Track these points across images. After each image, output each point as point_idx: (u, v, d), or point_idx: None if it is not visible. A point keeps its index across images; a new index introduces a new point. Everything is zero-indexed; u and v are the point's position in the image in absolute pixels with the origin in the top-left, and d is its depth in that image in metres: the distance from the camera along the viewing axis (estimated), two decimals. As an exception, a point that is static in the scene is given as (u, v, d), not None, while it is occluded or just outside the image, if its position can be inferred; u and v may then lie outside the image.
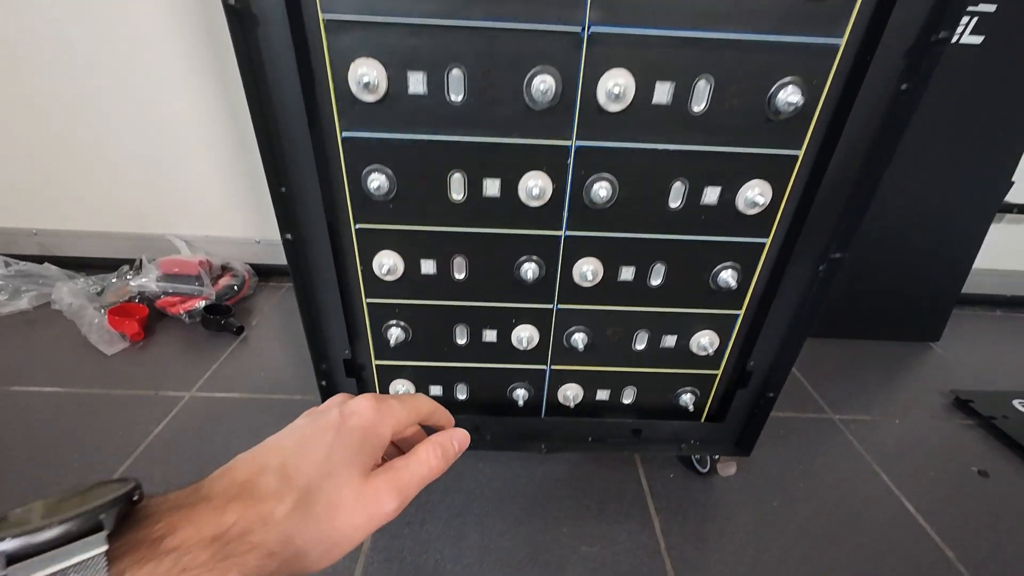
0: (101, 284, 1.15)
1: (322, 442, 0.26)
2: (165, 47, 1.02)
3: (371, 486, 0.26)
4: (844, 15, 0.41)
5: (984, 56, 0.90)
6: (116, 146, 1.14)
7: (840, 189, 0.48)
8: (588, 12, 0.40)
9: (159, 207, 1.22)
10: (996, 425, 0.87)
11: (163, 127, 1.12)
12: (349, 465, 0.26)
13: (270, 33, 0.41)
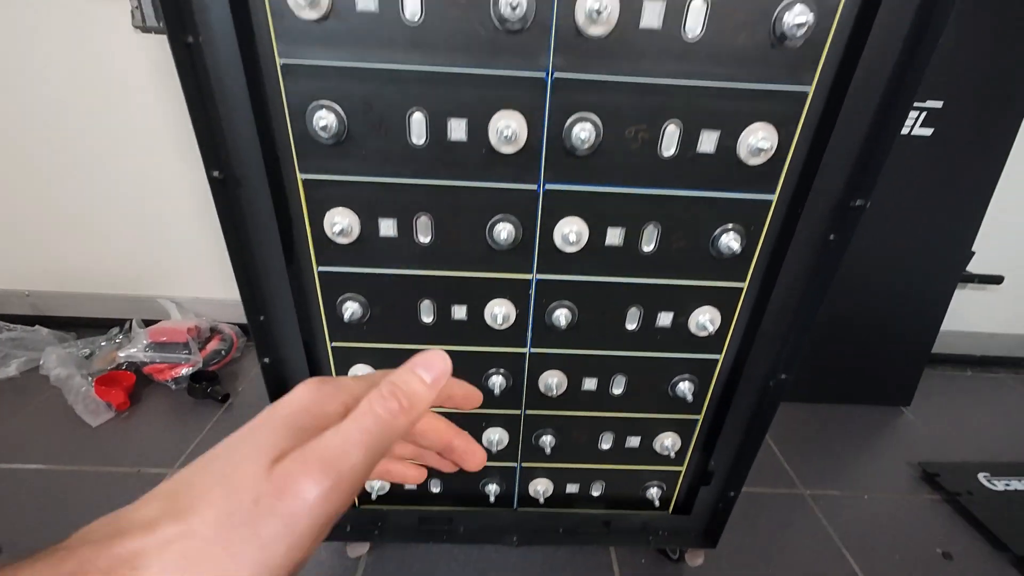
0: (91, 347, 1.17)
1: (234, 443, 0.20)
2: (158, 115, 1.07)
3: (278, 472, 0.18)
4: (776, 175, 0.45)
5: (934, 144, 0.97)
6: (108, 210, 1.18)
7: (782, 317, 0.52)
8: (542, 173, 0.45)
9: (150, 270, 1.25)
10: (961, 503, 0.90)
11: (154, 192, 1.16)
12: (256, 454, 0.19)
13: (252, 196, 0.45)
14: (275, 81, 0.40)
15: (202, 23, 0.38)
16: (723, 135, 0.43)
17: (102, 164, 1.13)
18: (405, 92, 0.41)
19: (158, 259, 1.24)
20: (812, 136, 0.44)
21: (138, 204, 1.17)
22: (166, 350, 1.08)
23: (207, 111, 0.40)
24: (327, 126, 0.41)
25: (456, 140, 0.43)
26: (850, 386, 1.19)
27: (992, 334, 1.35)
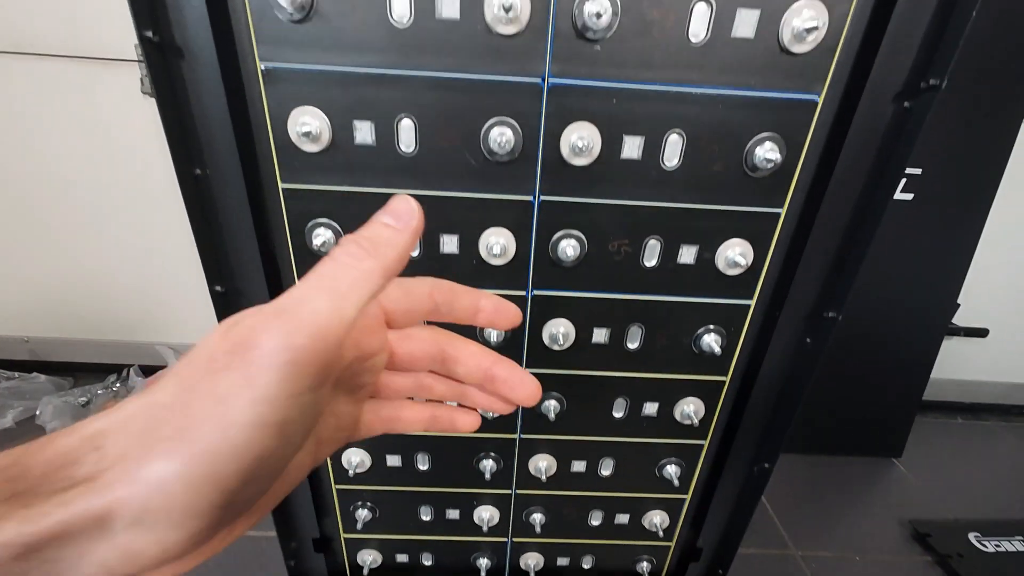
0: (88, 396, 1.17)
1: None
2: (158, 170, 1.09)
3: (233, 330, 0.16)
4: (753, 283, 0.48)
5: (916, 207, 1.01)
6: (107, 257, 1.19)
7: (762, 413, 0.54)
8: (530, 280, 0.47)
9: (149, 316, 1.26)
10: (952, 565, 0.90)
11: (153, 239, 1.17)
12: (214, 332, 0.16)
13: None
14: (277, 203, 0.43)
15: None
16: (701, 248, 0.46)
17: (103, 214, 1.15)
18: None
19: (156, 305, 1.25)
20: (785, 251, 0.46)
21: (136, 251, 1.19)
22: (163, 402, 1.09)
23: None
24: (325, 243, 0.44)
25: (448, 252, 0.45)
26: (842, 437, 1.20)
27: (981, 382, 1.37)
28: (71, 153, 1.07)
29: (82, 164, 1.08)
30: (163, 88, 0.37)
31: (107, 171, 1.08)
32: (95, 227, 1.15)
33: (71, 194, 1.11)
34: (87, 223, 1.15)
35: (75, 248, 1.18)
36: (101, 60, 0.96)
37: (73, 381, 1.25)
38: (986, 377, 1.36)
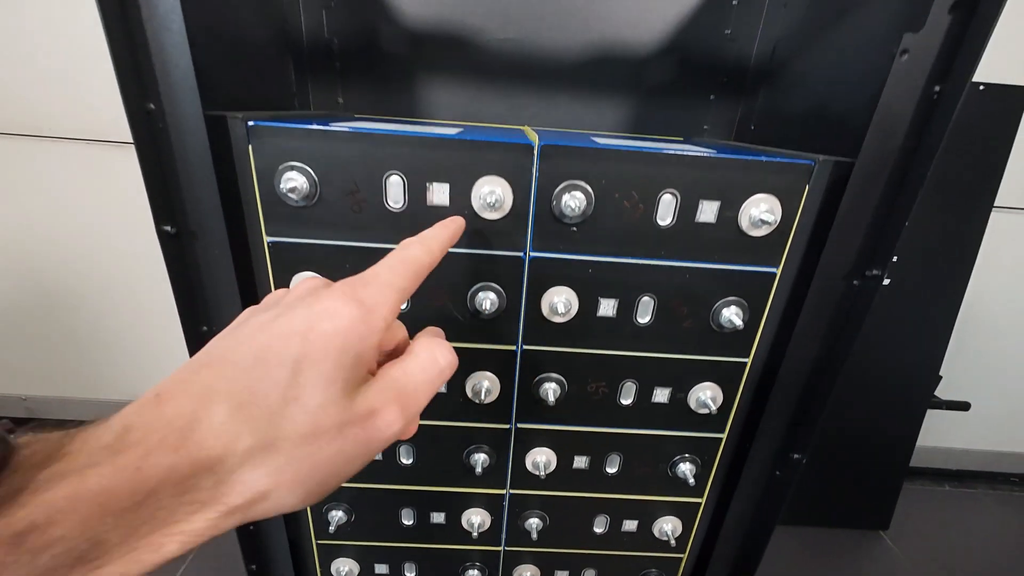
0: (81, 457, 1.18)
1: (284, 357, 0.20)
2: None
3: (362, 405, 0.21)
4: (725, 420, 0.51)
5: (893, 290, 1.05)
6: (105, 316, 1.22)
7: (736, 534, 0.56)
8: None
9: (146, 375, 1.29)
10: (936, 654, 0.91)
11: (152, 300, 1.20)
12: (325, 386, 0.20)
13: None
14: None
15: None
16: (674, 390, 0.49)
17: (104, 279, 1.18)
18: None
19: (152, 365, 1.28)
20: (752, 395, 0.49)
21: (135, 312, 1.22)
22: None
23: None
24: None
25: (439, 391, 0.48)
26: (828, 509, 1.21)
27: (967, 450, 1.38)
28: (79, 226, 1.11)
29: (88, 236, 1.12)
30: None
31: (112, 243, 1.13)
32: (95, 290, 1.19)
33: (75, 263, 1.15)
34: (87, 286, 1.18)
35: (74, 309, 1.21)
36: (115, 143, 1.01)
37: (68, 439, 1.26)
38: (972, 445, 1.38)
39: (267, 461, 0.19)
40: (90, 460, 0.16)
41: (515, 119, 0.66)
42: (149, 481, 0.16)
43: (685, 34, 0.62)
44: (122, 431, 0.17)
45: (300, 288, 0.24)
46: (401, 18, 0.61)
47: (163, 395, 0.19)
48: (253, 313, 0.23)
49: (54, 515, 0.15)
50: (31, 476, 0.15)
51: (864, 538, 1.20)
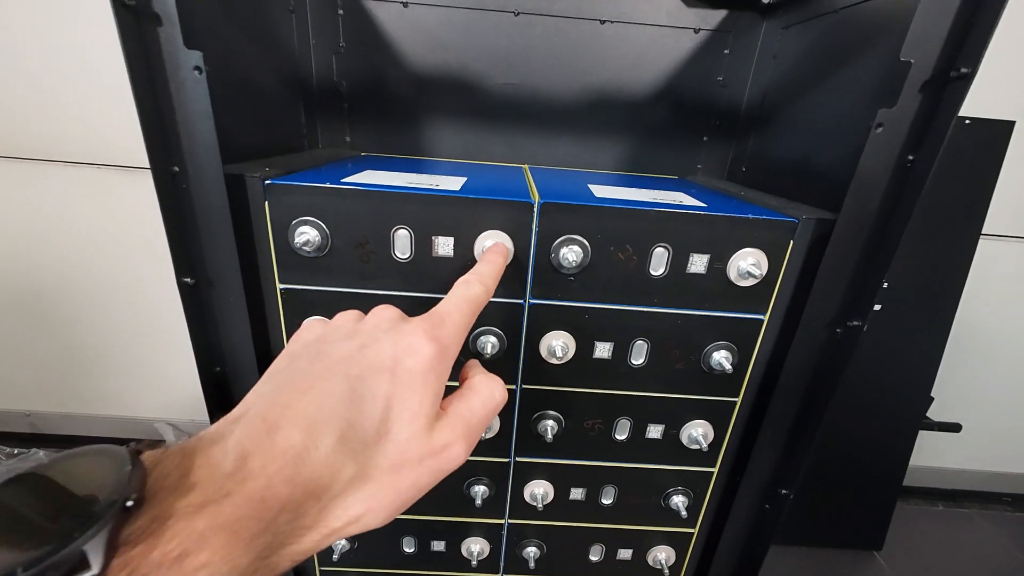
0: (84, 473, 1.20)
1: (376, 392, 0.22)
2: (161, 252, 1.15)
3: (437, 441, 0.23)
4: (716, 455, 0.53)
5: (885, 315, 1.07)
6: (108, 333, 1.24)
7: (728, 564, 0.58)
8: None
9: (147, 392, 1.30)
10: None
11: (152, 316, 1.22)
12: (411, 421, 0.22)
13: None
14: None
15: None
16: (667, 427, 0.51)
17: (109, 297, 1.20)
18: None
19: (156, 382, 1.29)
20: (742, 433, 0.51)
21: (138, 329, 1.24)
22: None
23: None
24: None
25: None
26: (823, 529, 1.22)
27: (960, 470, 1.40)
28: (83, 244, 1.13)
29: (92, 254, 1.14)
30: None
31: (116, 261, 1.15)
32: (98, 308, 1.21)
33: (81, 281, 1.17)
34: (91, 304, 1.20)
35: (78, 326, 1.23)
36: (123, 168, 1.03)
37: (71, 454, 1.28)
38: (964, 466, 1.40)
39: (363, 489, 0.21)
40: (221, 490, 0.18)
41: (516, 158, 0.69)
42: (272, 510, 0.18)
43: (679, 79, 0.65)
44: (240, 459, 0.19)
45: (378, 316, 0.26)
46: (406, 63, 0.64)
47: (270, 422, 0.20)
48: (326, 334, 0.26)
49: (200, 543, 0.16)
50: (171, 503, 0.17)
51: (858, 558, 1.21)
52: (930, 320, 1.10)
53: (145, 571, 0.15)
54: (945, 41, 0.34)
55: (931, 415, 1.29)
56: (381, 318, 0.26)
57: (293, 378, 0.22)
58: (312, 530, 0.20)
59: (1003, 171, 0.97)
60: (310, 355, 0.24)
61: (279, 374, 0.24)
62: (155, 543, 0.16)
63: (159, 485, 0.17)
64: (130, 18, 0.33)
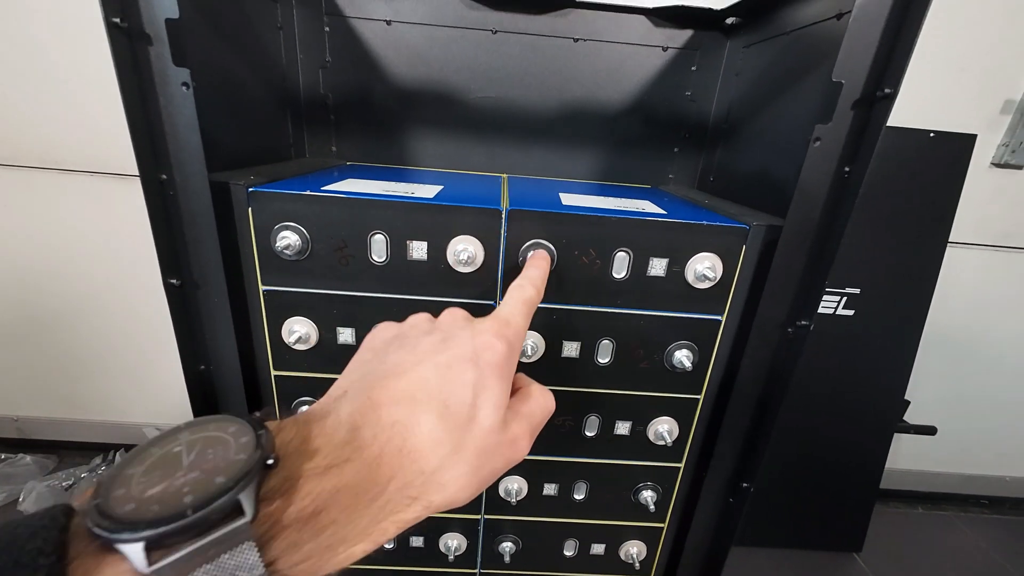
0: (72, 478, 1.20)
1: (465, 380, 0.24)
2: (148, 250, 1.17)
3: (510, 433, 0.26)
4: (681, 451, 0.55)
5: (857, 321, 1.11)
6: (96, 338, 1.25)
7: (696, 557, 0.60)
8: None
9: (136, 397, 1.31)
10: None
11: (141, 321, 1.23)
12: (494, 410, 0.24)
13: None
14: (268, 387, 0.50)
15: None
16: (634, 423, 0.53)
17: (98, 302, 1.21)
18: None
19: (144, 387, 1.30)
20: (706, 428, 0.54)
21: (125, 334, 1.25)
22: (146, 491, 1.12)
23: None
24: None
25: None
26: (802, 531, 1.25)
27: (937, 472, 1.43)
28: (71, 250, 1.15)
29: (79, 260, 1.16)
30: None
31: (103, 267, 1.16)
32: (88, 313, 1.22)
33: (69, 286, 1.18)
34: (78, 310, 1.21)
35: (65, 332, 1.24)
36: (116, 175, 1.06)
37: (58, 460, 1.28)
38: (942, 468, 1.43)
39: (456, 467, 0.23)
40: (341, 456, 0.20)
41: (495, 167, 0.72)
42: (384, 476, 0.20)
43: (650, 94, 0.68)
44: (352, 429, 0.21)
45: (452, 315, 0.29)
46: (390, 77, 0.67)
47: (375, 400, 0.22)
48: (404, 331, 0.28)
49: (328, 502, 0.18)
50: (299, 465, 0.19)
51: (838, 560, 1.23)
52: (902, 325, 1.13)
53: (286, 523, 0.17)
54: (871, 64, 0.37)
55: (907, 419, 1.33)
56: (455, 316, 0.29)
57: (386, 365, 0.25)
58: (417, 501, 0.21)
59: (967, 181, 1.02)
60: (396, 347, 0.26)
61: (368, 363, 0.26)
62: (291, 499, 0.18)
63: (285, 450, 0.19)
64: (122, 38, 0.35)
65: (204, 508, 0.15)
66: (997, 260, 1.18)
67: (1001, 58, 1.00)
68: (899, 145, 1.02)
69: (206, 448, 0.17)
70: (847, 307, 1.09)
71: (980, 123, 1.03)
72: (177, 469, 0.16)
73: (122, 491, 0.16)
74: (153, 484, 0.16)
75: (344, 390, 0.24)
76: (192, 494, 0.16)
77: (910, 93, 1.01)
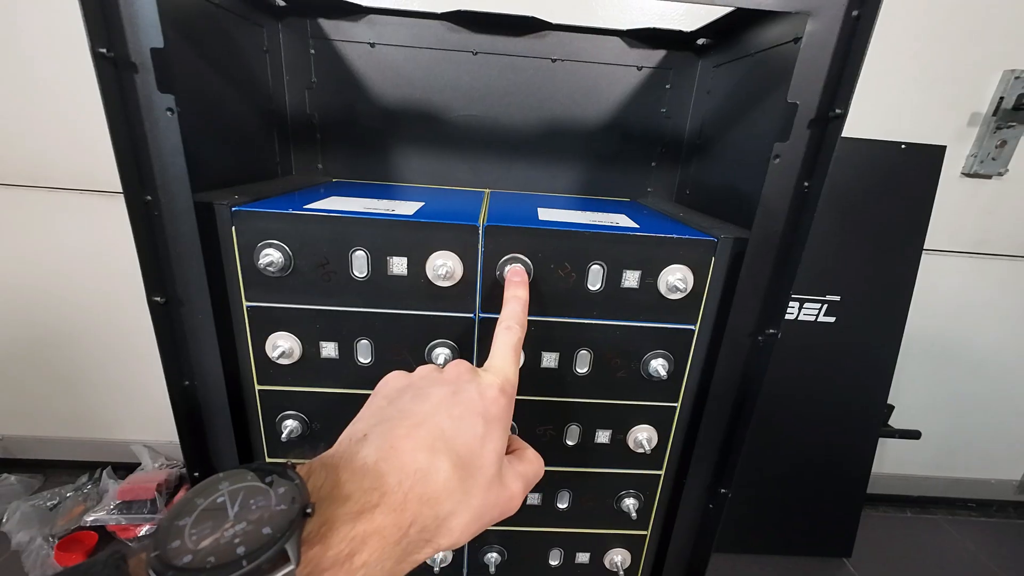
0: (58, 498, 1.18)
1: (474, 429, 0.26)
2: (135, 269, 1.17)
3: (509, 489, 0.28)
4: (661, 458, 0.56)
5: (838, 328, 1.13)
6: (82, 356, 1.24)
7: (679, 564, 0.61)
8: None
9: (122, 414, 1.30)
10: None
11: (127, 338, 1.23)
12: (496, 461, 0.27)
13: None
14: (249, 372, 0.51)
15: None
16: (614, 432, 0.54)
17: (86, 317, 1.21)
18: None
19: (132, 403, 1.29)
20: (684, 436, 0.55)
21: (110, 351, 1.24)
22: (132, 510, 1.11)
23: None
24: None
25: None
26: (792, 537, 1.25)
27: (924, 476, 1.45)
28: (57, 268, 1.15)
29: (65, 278, 1.16)
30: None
31: (89, 285, 1.17)
32: (74, 331, 1.21)
33: (56, 304, 1.18)
34: (64, 328, 1.21)
35: (53, 348, 1.23)
36: (108, 192, 1.06)
37: (44, 479, 1.27)
38: (930, 472, 1.44)
39: (464, 513, 0.24)
40: (370, 502, 0.21)
41: (478, 183, 0.73)
42: (407, 521, 0.22)
43: (627, 111, 0.71)
44: (378, 476, 0.22)
45: (457, 368, 0.31)
46: (374, 96, 0.69)
47: (397, 448, 0.24)
48: (414, 382, 0.30)
49: (360, 546, 0.20)
50: (333, 511, 0.20)
51: (828, 565, 1.24)
52: (882, 331, 1.15)
53: (324, 567, 0.19)
54: (823, 87, 0.39)
55: (892, 423, 1.35)
56: (460, 370, 0.31)
57: (403, 414, 0.27)
58: (430, 543, 0.23)
59: (940, 191, 1.05)
60: (410, 396, 0.28)
61: (384, 410, 0.28)
62: (328, 543, 0.19)
63: (317, 495, 0.21)
64: (109, 67, 0.37)
65: (256, 559, 0.17)
66: (972, 266, 1.21)
67: (966, 73, 1.04)
68: (874, 157, 1.06)
69: (248, 499, 0.19)
70: (828, 314, 1.11)
71: (949, 135, 1.07)
72: (224, 520, 0.18)
73: (177, 543, 0.17)
74: (204, 536, 0.17)
75: (364, 434, 0.25)
76: (243, 545, 0.17)
77: (883, 107, 1.05)
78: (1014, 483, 1.48)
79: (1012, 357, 1.33)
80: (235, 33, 0.56)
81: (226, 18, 0.53)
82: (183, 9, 0.45)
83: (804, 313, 1.12)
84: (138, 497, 1.13)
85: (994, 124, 1.06)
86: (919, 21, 1.00)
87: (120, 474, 1.25)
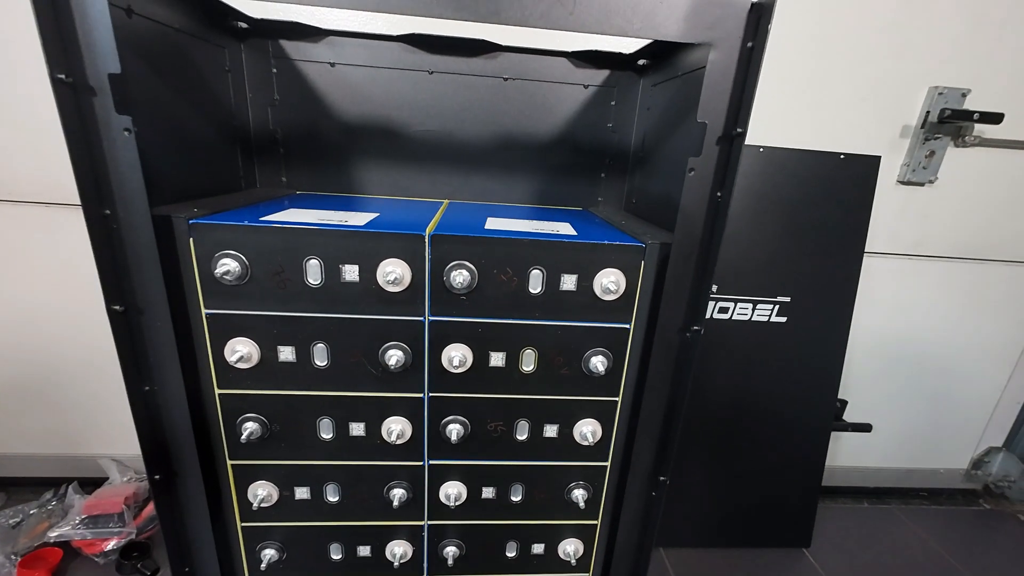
0: (20, 515, 1.16)
1: None
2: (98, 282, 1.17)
3: None
4: (606, 451, 0.60)
5: (789, 328, 1.19)
6: (45, 370, 1.22)
7: (627, 551, 0.65)
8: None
9: (89, 429, 1.28)
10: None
11: (93, 352, 1.21)
12: None
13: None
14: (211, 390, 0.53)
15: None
16: (561, 426, 0.58)
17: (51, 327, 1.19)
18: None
19: (97, 418, 1.28)
20: (626, 430, 0.59)
21: (76, 365, 1.23)
22: (99, 524, 1.09)
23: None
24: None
25: (356, 434, 0.56)
26: (752, 530, 1.30)
27: (879, 467, 1.52)
28: (41, 284, 1.14)
29: (50, 294, 1.15)
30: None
31: (74, 301, 1.15)
32: (40, 345, 1.20)
33: (20, 318, 1.17)
34: (29, 339, 1.19)
35: (17, 363, 1.21)
36: (73, 206, 1.06)
37: (6, 497, 1.24)
38: (883, 464, 1.52)
39: None
40: None
41: (438, 194, 0.77)
42: None
43: (576, 126, 0.75)
44: None
45: None
46: (335, 113, 0.72)
47: None
48: None
49: None
50: None
51: (788, 555, 1.29)
52: (831, 330, 1.22)
53: None
54: (727, 108, 0.44)
55: (846, 418, 1.42)
56: None
57: None
58: None
59: (877, 198, 1.12)
60: None
61: None
62: None
63: None
64: (67, 91, 0.39)
65: None
66: (911, 267, 1.29)
67: (896, 89, 1.13)
68: (816, 166, 1.13)
69: None
70: (780, 314, 1.18)
71: (884, 146, 1.15)
72: None
73: None
74: None
75: None
76: None
77: (822, 121, 1.13)
78: (960, 471, 1.57)
79: (953, 351, 1.42)
80: (196, 55, 0.59)
81: (186, 41, 0.56)
82: (142, 34, 0.48)
83: (757, 314, 1.18)
84: (105, 511, 1.12)
85: (923, 136, 1.15)
86: (852, 42, 1.08)
87: (87, 489, 1.23)
